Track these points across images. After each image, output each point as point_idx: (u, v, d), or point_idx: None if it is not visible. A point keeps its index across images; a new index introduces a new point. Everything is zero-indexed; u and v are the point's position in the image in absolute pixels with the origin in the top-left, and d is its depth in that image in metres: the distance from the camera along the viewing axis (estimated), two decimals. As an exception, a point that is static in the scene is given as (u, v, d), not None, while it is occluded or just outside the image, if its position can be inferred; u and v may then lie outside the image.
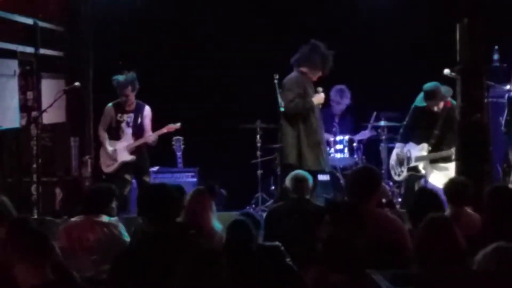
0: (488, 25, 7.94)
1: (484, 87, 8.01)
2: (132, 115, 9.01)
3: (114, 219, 5.83)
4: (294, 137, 8.47)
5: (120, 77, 8.91)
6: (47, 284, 3.81)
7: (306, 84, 8.64)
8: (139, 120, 9.02)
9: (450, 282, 3.95)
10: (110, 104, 9.08)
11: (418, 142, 8.84)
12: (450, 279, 3.97)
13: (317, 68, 8.65)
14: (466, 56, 7.86)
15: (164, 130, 9.13)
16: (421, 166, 8.76)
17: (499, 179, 8.59)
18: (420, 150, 8.77)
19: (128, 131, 9.00)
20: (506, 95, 8.84)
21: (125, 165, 9.00)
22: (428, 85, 8.66)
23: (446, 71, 8.25)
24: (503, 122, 8.79)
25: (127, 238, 5.75)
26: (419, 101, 8.80)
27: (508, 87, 8.88)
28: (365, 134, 10.25)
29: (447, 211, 5.89)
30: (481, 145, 7.83)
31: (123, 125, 9.00)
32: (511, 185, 8.23)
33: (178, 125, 9.21)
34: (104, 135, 9.08)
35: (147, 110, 9.09)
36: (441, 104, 8.67)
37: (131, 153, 9.01)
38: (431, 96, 8.63)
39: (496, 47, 9.54)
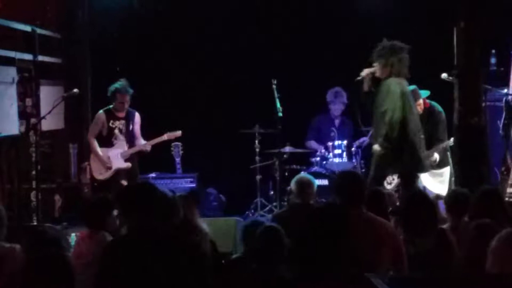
0: (485, 29, 7.96)
1: (481, 91, 8.02)
2: (124, 121, 9.01)
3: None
4: None
5: (120, 84, 8.89)
6: None
7: None
8: (131, 127, 9.03)
9: (451, 286, 3.97)
10: (101, 111, 9.03)
11: None
12: (450, 283, 3.99)
13: None
14: (463, 60, 7.89)
15: (164, 137, 9.13)
16: None
17: (497, 183, 8.60)
18: None
19: (121, 137, 8.99)
20: (504, 99, 8.85)
21: (118, 172, 8.98)
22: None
23: (444, 75, 8.26)
24: (501, 125, 8.81)
25: None
26: None
27: (505, 90, 8.91)
28: (364, 141, 10.26)
29: (447, 223, 5.89)
30: (479, 148, 7.85)
31: (116, 131, 8.98)
32: (509, 188, 8.25)
33: (178, 132, 9.20)
34: (94, 143, 9.02)
35: (138, 116, 9.10)
36: (420, 106, 8.59)
37: (126, 160, 9.00)
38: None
39: (493, 51, 9.57)
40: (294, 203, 6.66)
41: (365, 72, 8.09)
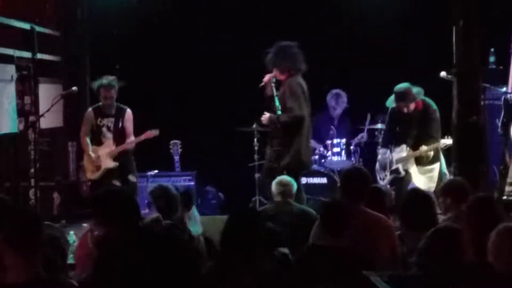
0: (484, 27, 7.96)
1: (480, 89, 8.02)
2: (112, 119, 8.79)
3: None
4: None
5: (104, 80, 8.70)
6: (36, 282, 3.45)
7: None
8: (120, 124, 8.80)
9: (447, 283, 3.97)
10: (89, 109, 8.92)
11: (398, 144, 8.80)
12: (447, 279, 3.99)
13: None
14: (462, 58, 7.88)
15: (142, 137, 8.84)
16: (400, 167, 8.72)
17: (496, 181, 8.61)
18: (399, 152, 8.73)
19: (109, 135, 8.79)
20: (503, 97, 8.85)
21: (109, 171, 8.80)
22: (399, 87, 8.56)
23: (442, 73, 8.25)
24: (499, 124, 8.81)
25: None
26: (390, 102, 8.76)
27: (504, 89, 8.91)
28: (362, 137, 10.27)
29: (449, 214, 5.87)
30: (478, 147, 7.85)
31: (104, 129, 8.78)
32: (508, 187, 8.25)
33: (156, 131, 8.86)
34: (85, 141, 8.87)
35: (129, 113, 8.84)
36: (412, 106, 8.58)
37: (114, 159, 8.79)
38: (402, 97, 8.55)
39: (492, 49, 9.57)
40: (275, 201, 6.94)
41: (267, 77, 8.53)
